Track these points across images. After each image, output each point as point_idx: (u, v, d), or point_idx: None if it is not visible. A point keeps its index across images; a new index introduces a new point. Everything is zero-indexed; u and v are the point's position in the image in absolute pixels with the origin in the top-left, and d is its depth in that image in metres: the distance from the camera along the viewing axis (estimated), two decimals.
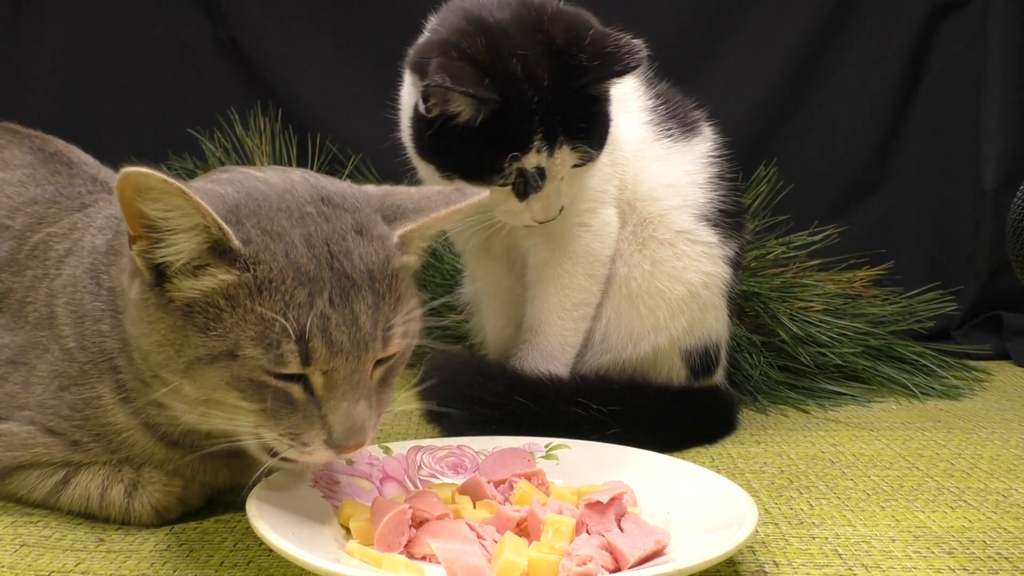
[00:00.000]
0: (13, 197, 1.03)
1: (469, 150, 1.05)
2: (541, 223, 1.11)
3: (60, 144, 1.15)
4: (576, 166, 1.08)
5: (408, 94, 1.13)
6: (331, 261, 0.72)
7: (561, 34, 1.04)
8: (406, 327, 0.76)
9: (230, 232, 0.70)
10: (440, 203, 0.81)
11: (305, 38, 1.97)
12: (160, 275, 0.73)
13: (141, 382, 0.82)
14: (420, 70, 1.05)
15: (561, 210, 1.11)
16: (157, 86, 1.98)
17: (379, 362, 0.75)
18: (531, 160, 1.05)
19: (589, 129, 1.07)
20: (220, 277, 0.70)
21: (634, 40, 1.04)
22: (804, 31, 1.94)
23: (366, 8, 1.96)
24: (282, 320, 0.69)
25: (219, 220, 0.69)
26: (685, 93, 1.29)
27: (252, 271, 0.70)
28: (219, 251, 0.70)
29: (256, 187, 0.75)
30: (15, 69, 1.94)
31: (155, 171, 0.67)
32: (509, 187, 1.07)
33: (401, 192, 0.82)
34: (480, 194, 0.83)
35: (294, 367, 0.70)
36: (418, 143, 1.10)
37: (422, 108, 1.05)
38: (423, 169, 1.14)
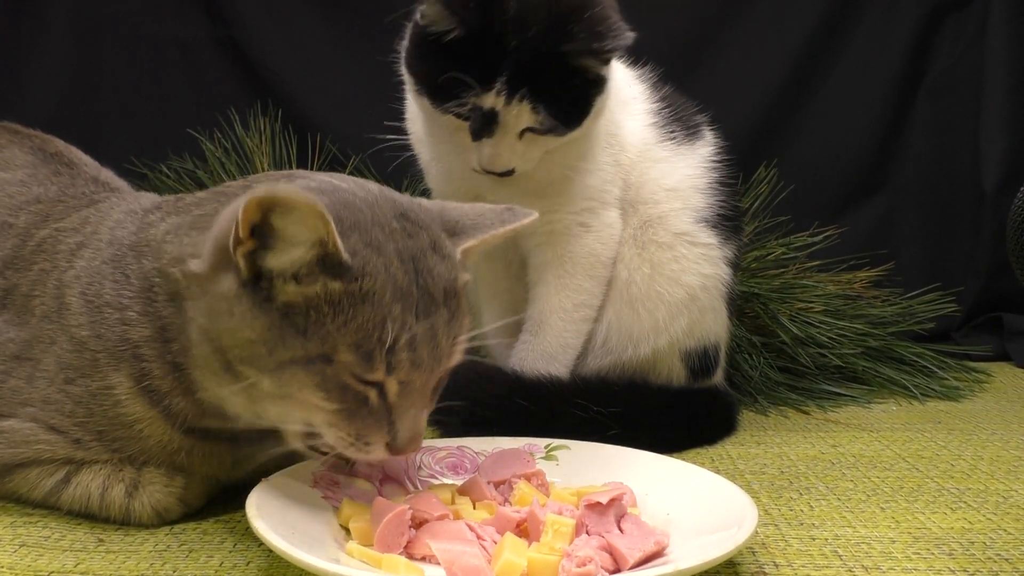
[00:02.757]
0: (15, 196, 1.03)
1: (440, 69, 1.05)
2: (487, 173, 1.10)
3: (60, 144, 1.15)
4: (535, 131, 1.07)
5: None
6: (417, 278, 0.75)
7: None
8: (464, 339, 0.80)
9: (341, 247, 0.72)
10: (496, 221, 0.85)
11: (305, 38, 1.97)
12: (257, 275, 0.74)
13: (175, 367, 0.83)
14: None
15: (512, 172, 1.10)
16: (157, 86, 1.98)
17: None
18: (488, 100, 1.04)
19: (557, 99, 1.06)
20: (329, 285, 0.72)
21: (629, 32, 1.04)
22: (804, 31, 1.94)
23: (367, 8, 1.96)
24: (380, 331, 0.72)
25: (336, 237, 0.71)
26: (686, 94, 1.29)
27: (359, 282, 0.73)
28: (327, 263, 0.72)
29: (347, 198, 0.77)
30: (15, 69, 1.94)
31: (297, 192, 0.69)
32: (466, 121, 1.07)
33: (455, 208, 0.87)
34: (530, 216, 0.87)
35: (380, 375, 0.74)
36: (407, 55, 1.11)
37: (418, 15, 1.06)
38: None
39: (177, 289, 0.81)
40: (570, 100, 1.08)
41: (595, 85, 1.09)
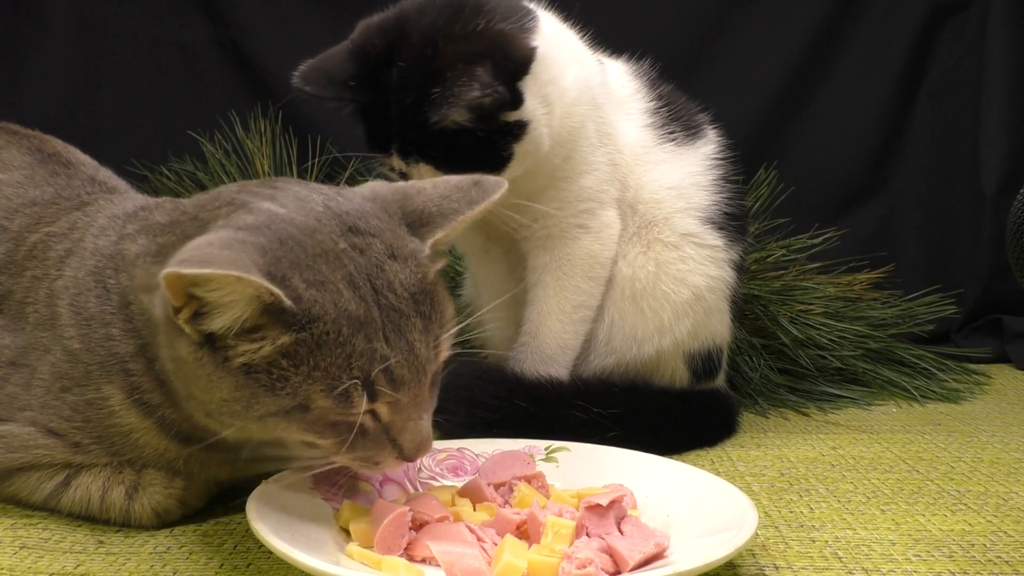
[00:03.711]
0: (11, 198, 1.03)
1: (362, 132, 1.10)
2: None
3: (58, 144, 1.15)
4: None
5: None
6: (376, 298, 0.72)
7: (444, 57, 1.02)
8: (449, 334, 0.78)
9: (281, 295, 0.68)
10: (463, 202, 0.80)
11: (306, 40, 1.96)
12: (210, 336, 0.71)
13: (161, 384, 0.82)
14: None
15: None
16: (157, 88, 1.98)
17: None
18: (394, 163, 1.08)
19: (454, 158, 1.04)
20: (278, 340, 0.69)
21: (473, 94, 0.98)
22: (805, 34, 1.94)
23: (367, 10, 1.96)
24: (347, 372, 0.70)
25: (271, 287, 0.67)
26: (686, 95, 1.29)
27: (308, 330, 0.69)
28: (272, 312, 0.69)
29: (285, 230, 0.72)
30: (15, 69, 1.94)
31: (209, 262, 0.66)
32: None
33: (417, 192, 0.81)
34: (500, 188, 0.81)
35: (362, 406, 0.72)
36: None
37: None
38: None
39: (152, 315, 0.79)
40: (472, 155, 1.05)
41: (504, 135, 1.05)
